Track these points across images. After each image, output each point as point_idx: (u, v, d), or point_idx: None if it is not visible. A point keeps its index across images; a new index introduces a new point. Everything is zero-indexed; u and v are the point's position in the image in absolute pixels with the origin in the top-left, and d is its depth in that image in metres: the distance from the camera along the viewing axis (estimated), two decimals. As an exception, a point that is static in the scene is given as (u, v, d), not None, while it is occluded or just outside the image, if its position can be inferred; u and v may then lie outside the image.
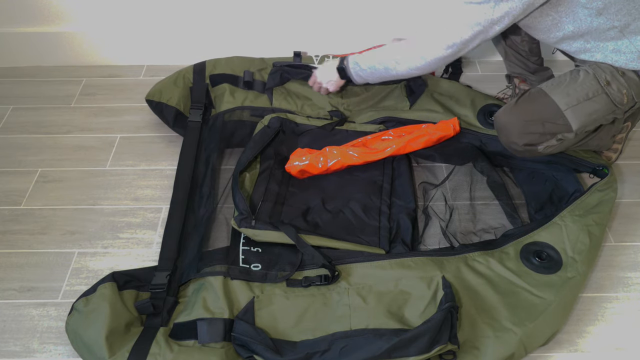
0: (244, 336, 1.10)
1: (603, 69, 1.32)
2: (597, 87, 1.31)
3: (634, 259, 1.38)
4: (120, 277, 1.20)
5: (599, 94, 1.31)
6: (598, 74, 1.31)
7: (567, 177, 1.47)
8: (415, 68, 1.40)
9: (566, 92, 1.31)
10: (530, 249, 1.27)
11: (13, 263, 1.37)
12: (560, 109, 1.30)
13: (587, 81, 1.31)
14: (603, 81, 1.30)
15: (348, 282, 1.22)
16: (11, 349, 1.20)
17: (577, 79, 1.33)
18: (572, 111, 1.30)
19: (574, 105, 1.30)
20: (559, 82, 1.34)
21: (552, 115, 1.31)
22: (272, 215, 1.38)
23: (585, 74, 1.32)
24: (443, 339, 1.06)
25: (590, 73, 1.32)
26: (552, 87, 1.34)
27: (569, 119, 1.30)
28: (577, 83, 1.32)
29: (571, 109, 1.30)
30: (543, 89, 1.34)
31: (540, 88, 1.35)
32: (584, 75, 1.33)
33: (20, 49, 1.95)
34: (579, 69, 1.36)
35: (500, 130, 1.39)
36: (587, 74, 1.32)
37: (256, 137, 1.53)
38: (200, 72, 1.72)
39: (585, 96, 1.30)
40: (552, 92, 1.33)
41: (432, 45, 1.34)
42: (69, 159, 1.64)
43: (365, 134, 1.59)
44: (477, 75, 1.97)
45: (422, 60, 1.36)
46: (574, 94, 1.31)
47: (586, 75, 1.32)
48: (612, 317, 1.27)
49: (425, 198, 1.51)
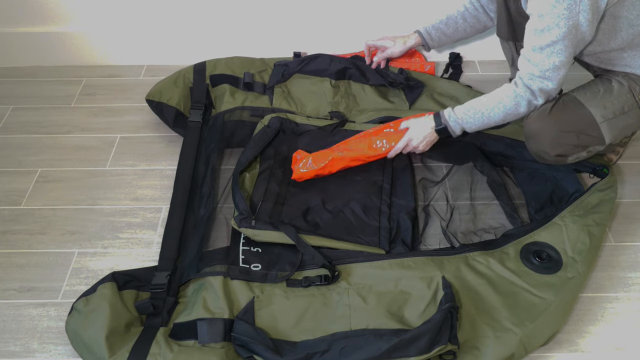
0: (244, 336, 1.10)
1: (635, 80, 1.28)
2: (632, 101, 1.28)
3: (634, 259, 1.38)
4: (120, 277, 1.20)
5: (633, 108, 1.28)
6: (632, 87, 1.28)
7: (568, 177, 1.47)
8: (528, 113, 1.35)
9: (603, 105, 1.27)
10: (530, 249, 1.27)
11: (13, 263, 1.36)
12: (596, 121, 1.27)
13: (622, 94, 1.28)
14: (638, 95, 1.27)
15: (348, 282, 1.22)
16: (11, 349, 1.20)
17: (612, 91, 1.29)
18: (608, 124, 1.27)
19: (610, 119, 1.27)
20: (593, 92, 1.30)
21: (587, 127, 1.28)
22: (272, 215, 1.37)
23: (620, 86, 1.29)
24: (443, 340, 1.06)
25: (625, 86, 1.28)
26: (588, 98, 1.29)
27: (603, 132, 1.27)
28: (613, 95, 1.28)
29: (607, 122, 1.27)
30: (578, 98, 1.30)
31: (575, 97, 1.31)
32: (618, 87, 1.29)
33: (20, 49, 1.95)
34: (609, 78, 1.32)
35: (531, 137, 1.34)
36: (621, 86, 1.29)
37: (256, 137, 1.53)
38: (200, 72, 1.72)
39: (621, 110, 1.27)
40: (588, 102, 1.28)
41: (545, 97, 1.29)
42: (69, 159, 1.64)
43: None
44: (477, 75, 1.97)
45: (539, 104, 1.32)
46: (610, 106, 1.27)
47: (621, 88, 1.28)
48: (612, 317, 1.27)
49: (426, 197, 1.51)
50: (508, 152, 1.55)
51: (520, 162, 1.54)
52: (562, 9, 1.14)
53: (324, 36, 1.94)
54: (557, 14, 1.14)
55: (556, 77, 1.24)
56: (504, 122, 1.38)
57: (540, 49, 1.20)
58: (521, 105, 1.30)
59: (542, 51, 1.20)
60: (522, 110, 1.32)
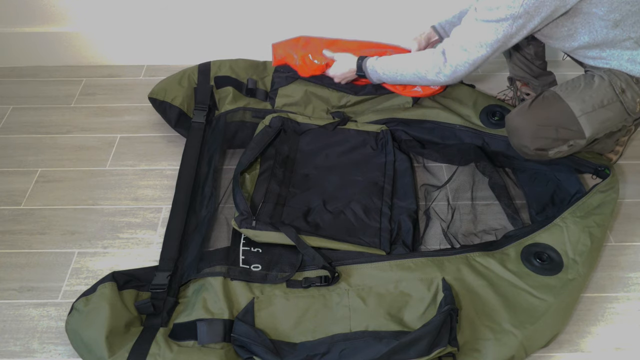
0: (244, 337, 1.10)
1: (618, 75, 1.29)
2: (612, 94, 1.28)
3: (634, 259, 1.38)
4: (120, 277, 1.20)
5: (613, 101, 1.28)
6: (613, 81, 1.28)
7: (569, 178, 1.47)
8: (433, 82, 1.40)
9: (582, 98, 1.28)
10: (531, 250, 1.27)
11: (13, 263, 1.36)
12: (574, 115, 1.28)
13: (602, 88, 1.28)
14: (618, 89, 1.28)
15: (348, 284, 1.22)
16: (11, 349, 1.20)
17: (592, 85, 1.30)
18: (587, 118, 1.28)
19: (588, 112, 1.28)
20: (574, 87, 1.31)
21: (566, 121, 1.29)
22: (273, 215, 1.37)
23: (601, 80, 1.30)
24: (443, 342, 1.06)
25: (606, 80, 1.29)
26: (567, 92, 1.31)
27: (582, 126, 1.28)
28: (593, 89, 1.29)
29: (585, 115, 1.28)
30: (558, 92, 1.32)
31: (555, 92, 1.32)
32: (599, 81, 1.30)
33: (20, 49, 1.95)
34: (592, 74, 1.33)
35: (511, 132, 1.36)
36: (602, 80, 1.30)
37: (257, 137, 1.53)
38: (205, 73, 1.72)
39: (600, 103, 1.28)
40: (567, 97, 1.30)
41: (454, 65, 1.32)
42: (69, 159, 1.64)
43: (367, 134, 1.59)
44: (477, 74, 1.96)
45: (443, 77, 1.36)
46: (589, 100, 1.28)
47: (601, 82, 1.29)
48: (612, 317, 1.26)
49: (427, 199, 1.51)
50: (510, 152, 1.55)
51: (522, 162, 1.53)
52: None
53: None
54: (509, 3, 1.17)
55: (475, 53, 1.27)
56: (415, 84, 1.53)
57: (485, 21, 1.23)
58: (429, 72, 1.37)
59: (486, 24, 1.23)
60: (429, 77, 1.38)
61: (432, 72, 1.37)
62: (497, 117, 1.61)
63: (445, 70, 1.34)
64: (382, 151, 1.56)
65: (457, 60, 1.31)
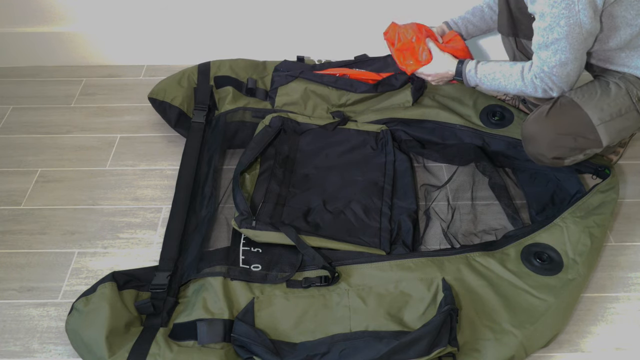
0: (244, 337, 1.10)
1: (633, 82, 1.28)
2: (629, 103, 1.27)
3: (634, 259, 1.38)
4: (120, 277, 1.21)
5: (630, 110, 1.28)
6: (630, 89, 1.27)
7: (569, 178, 1.47)
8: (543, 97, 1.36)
9: (600, 107, 1.27)
10: (531, 250, 1.27)
11: (13, 263, 1.36)
12: (593, 123, 1.27)
13: (620, 96, 1.27)
14: (635, 97, 1.27)
15: (348, 284, 1.22)
16: (11, 349, 1.20)
17: (609, 93, 1.28)
18: (605, 127, 1.27)
19: (607, 121, 1.27)
20: (590, 94, 1.30)
21: (584, 130, 1.27)
22: (273, 215, 1.37)
23: (617, 88, 1.28)
24: (443, 342, 1.06)
25: (623, 88, 1.28)
26: (585, 100, 1.29)
27: (600, 135, 1.27)
28: (610, 97, 1.27)
29: (604, 124, 1.27)
30: (575, 100, 1.30)
31: (572, 99, 1.30)
32: (616, 89, 1.28)
33: (20, 49, 1.95)
34: (607, 80, 1.32)
35: (528, 140, 1.34)
36: (619, 88, 1.28)
37: (257, 137, 1.53)
38: (204, 73, 1.72)
39: (618, 112, 1.27)
40: (585, 104, 1.28)
41: (565, 84, 1.28)
42: (69, 159, 1.64)
43: (367, 134, 1.59)
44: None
45: (555, 94, 1.31)
46: (607, 109, 1.27)
47: (618, 90, 1.28)
48: (612, 317, 1.26)
49: (427, 199, 1.51)
50: (510, 152, 1.55)
51: (522, 162, 1.53)
52: (561, 9, 1.15)
53: (326, 41, 1.93)
54: (556, 13, 1.16)
55: (563, 73, 1.25)
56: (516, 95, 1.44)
57: (546, 46, 1.22)
58: (537, 91, 1.31)
59: (548, 48, 1.22)
60: (539, 94, 1.32)
61: (539, 93, 1.31)
62: (498, 117, 1.61)
63: (553, 93, 1.30)
64: (382, 151, 1.56)
65: (557, 85, 1.27)
